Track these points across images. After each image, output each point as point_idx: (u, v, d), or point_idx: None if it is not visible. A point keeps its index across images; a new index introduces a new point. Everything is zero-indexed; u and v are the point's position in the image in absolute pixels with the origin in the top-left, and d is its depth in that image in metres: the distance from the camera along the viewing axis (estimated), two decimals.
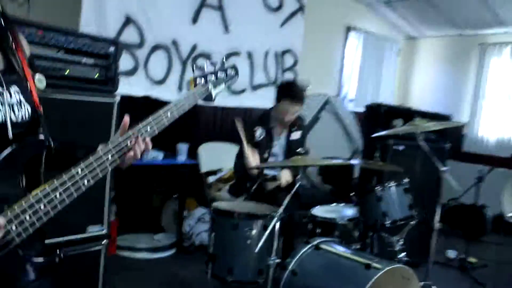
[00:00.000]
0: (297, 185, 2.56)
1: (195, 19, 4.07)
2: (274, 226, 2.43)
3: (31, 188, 1.06)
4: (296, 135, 3.39)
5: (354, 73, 6.61)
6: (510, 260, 4.24)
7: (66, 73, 2.20)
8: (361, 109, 6.49)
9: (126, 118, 1.24)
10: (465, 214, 4.79)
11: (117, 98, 2.42)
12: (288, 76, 4.89)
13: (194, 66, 1.52)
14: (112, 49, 2.40)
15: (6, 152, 1.05)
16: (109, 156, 1.16)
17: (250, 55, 4.52)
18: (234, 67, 1.64)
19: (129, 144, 1.19)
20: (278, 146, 3.35)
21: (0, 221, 0.96)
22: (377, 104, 4.40)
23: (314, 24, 5.22)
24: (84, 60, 2.29)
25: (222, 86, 1.58)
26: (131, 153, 1.20)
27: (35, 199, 1.02)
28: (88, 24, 3.30)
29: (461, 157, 5.95)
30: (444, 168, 3.05)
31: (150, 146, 1.25)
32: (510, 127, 6.10)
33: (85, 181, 1.10)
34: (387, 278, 2.35)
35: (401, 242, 2.89)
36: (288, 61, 4.90)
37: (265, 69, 4.68)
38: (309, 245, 2.67)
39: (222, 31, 4.28)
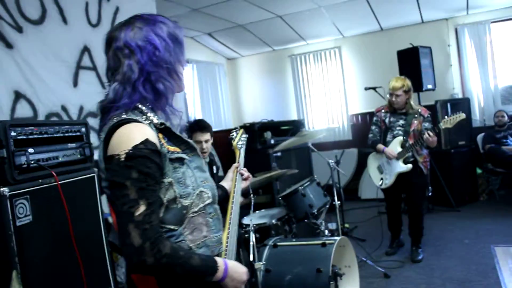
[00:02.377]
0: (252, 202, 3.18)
1: (75, 82, 4.27)
2: (253, 238, 3.01)
3: None
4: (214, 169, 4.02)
5: (196, 97, 7.35)
6: (368, 217, 5.52)
7: (60, 160, 2.44)
8: None
9: (236, 164, 1.97)
10: None
11: (95, 170, 2.70)
12: None
13: (232, 138, 2.14)
14: (83, 129, 2.68)
15: None
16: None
17: None
18: (244, 132, 2.28)
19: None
20: None
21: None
22: (251, 123, 5.22)
23: None
24: (69, 145, 2.54)
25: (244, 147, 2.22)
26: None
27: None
28: None
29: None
30: (332, 161, 4.03)
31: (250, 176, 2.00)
32: (331, 116, 7.63)
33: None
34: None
35: (323, 223, 3.77)
36: None
37: None
38: (268, 246, 3.34)
39: (100, 88, 4.54)
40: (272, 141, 5.10)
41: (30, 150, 2.27)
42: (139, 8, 4.99)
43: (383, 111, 4.40)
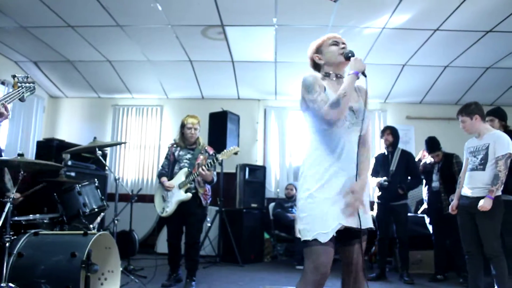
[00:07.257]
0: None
1: None
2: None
3: None
4: None
5: (5, 121, 6.85)
6: (158, 264, 5.52)
7: None
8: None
9: None
10: None
11: None
12: None
13: (16, 75, 2.16)
14: None
15: None
16: None
17: None
18: (34, 82, 2.32)
19: None
20: None
21: None
22: (49, 138, 5.04)
23: None
24: None
25: (29, 93, 2.28)
26: None
27: None
28: None
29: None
30: (116, 176, 4.09)
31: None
32: (141, 169, 7.73)
33: None
34: (97, 247, 3.15)
35: (95, 229, 3.72)
36: None
37: None
38: (27, 234, 3.18)
39: None
40: (70, 163, 4.97)
41: None
42: None
43: (174, 145, 4.71)
